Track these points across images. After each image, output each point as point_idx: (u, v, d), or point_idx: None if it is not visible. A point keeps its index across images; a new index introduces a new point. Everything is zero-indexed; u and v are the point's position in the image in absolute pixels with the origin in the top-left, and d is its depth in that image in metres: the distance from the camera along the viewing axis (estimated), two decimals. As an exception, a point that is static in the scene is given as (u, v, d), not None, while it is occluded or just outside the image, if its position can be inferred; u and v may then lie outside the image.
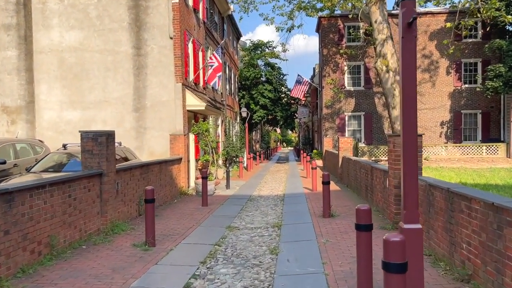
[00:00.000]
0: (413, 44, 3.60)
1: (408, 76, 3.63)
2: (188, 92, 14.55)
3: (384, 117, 27.81)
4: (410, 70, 3.60)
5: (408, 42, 3.60)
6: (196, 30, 16.54)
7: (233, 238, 7.73)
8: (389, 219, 8.13)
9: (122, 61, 14.08)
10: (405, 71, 3.62)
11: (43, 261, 5.91)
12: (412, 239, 3.60)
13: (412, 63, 3.61)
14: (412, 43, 3.60)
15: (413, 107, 3.65)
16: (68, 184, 6.74)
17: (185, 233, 8.00)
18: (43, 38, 14.23)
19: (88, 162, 7.86)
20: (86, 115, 14.18)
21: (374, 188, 10.06)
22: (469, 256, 4.75)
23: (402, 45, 3.62)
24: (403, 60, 3.62)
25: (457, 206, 5.08)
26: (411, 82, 3.64)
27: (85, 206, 7.29)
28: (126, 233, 7.96)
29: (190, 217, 9.64)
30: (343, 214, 9.37)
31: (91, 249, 6.77)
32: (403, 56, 3.61)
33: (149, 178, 10.56)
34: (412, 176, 3.62)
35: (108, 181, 7.96)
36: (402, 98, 3.68)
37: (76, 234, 6.94)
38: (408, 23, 3.56)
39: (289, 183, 17.01)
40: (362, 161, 12.30)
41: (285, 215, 9.81)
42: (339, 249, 6.50)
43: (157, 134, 14.01)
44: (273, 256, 6.41)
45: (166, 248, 6.86)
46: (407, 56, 3.60)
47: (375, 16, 22.12)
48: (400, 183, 7.39)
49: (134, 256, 6.37)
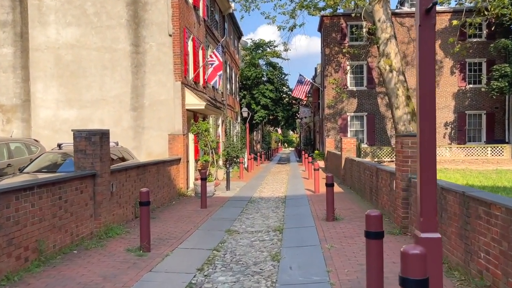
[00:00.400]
0: (431, 33, 3.24)
1: (426, 69, 3.26)
2: (187, 91, 14.19)
3: (387, 118, 27.44)
4: (428, 62, 3.24)
5: (426, 31, 3.23)
6: (196, 27, 16.19)
7: (233, 242, 7.37)
8: (396, 223, 7.77)
9: (120, 58, 13.74)
10: (423, 63, 3.26)
11: (30, 268, 5.56)
12: (430, 249, 3.23)
13: (431, 54, 3.25)
14: (431, 32, 3.24)
15: (431, 104, 3.29)
16: (59, 185, 6.38)
17: (183, 237, 7.64)
18: (39, 35, 13.89)
19: (81, 162, 7.50)
20: (83, 114, 13.83)
21: (379, 190, 9.69)
22: (488, 266, 4.38)
23: (419, 35, 3.26)
24: (421, 51, 3.25)
25: (473, 212, 4.71)
26: (429, 76, 3.27)
27: (77, 209, 6.93)
28: (121, 236, 7.60)
29: (188, 220, 9.28)
30: (347, 218, 9.00)
31: (83, 254, 6.41)
32: (421, 46, 3.24)
33: (146, 179, 10.20)
34: (430, 181, 3.26)
35: (102, 183, 7.61)
36: (418, 95, 3.32)
37: (67, 238, 6.58)
38: (427, 9, 3.20)
39: (290, 185, 16.64)
40: (366, 162, 11.93)
41: (287, 218, 9.45)
42: (344, 256, 6.13)
43: (155, 134, 13.66)
44: (274, 263, 6.04)
45: (162, 254, 6.50)
46: (425, 47, 3.24)
47: (379, 15, 21.75)
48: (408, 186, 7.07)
49: (127, 262, 6.01)
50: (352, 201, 11.56)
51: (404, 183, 7.30)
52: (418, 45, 3.30)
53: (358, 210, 9.90)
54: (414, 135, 7.32)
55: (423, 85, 3.28)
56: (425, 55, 3.27)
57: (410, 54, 27.71)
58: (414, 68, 27.69)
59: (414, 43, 27.59)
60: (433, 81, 3.29)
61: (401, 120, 21.70)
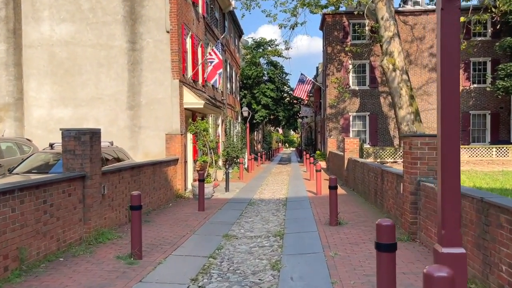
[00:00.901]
0: (456, 17, 2.80)
1: (449, 59, 2.83)
2: (185, 89, 13.77)
3: (390, 118, 26.98)
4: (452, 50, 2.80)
5: (450, 14, 2.80)
6: (195, 24, 15.76)
7: (230, 249, 6.94)
8: (403, 228, 7.33)
9: (116, 56, 13.31)
10: (445, 52, 2.82)
11: (10, 278, 5.13)
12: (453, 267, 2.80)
13: (455, 41, 2.81)
14: (455, 16, 2.80)
15: (455, 100, 2.85)
16: (43, 188, 5.95)
17: (177, 243, 7.21)
18: (33, 32, 13.46)
19: (70, 163, 7.08)
20: (77, 113, 13.40)
21: (384, 193, 9.25)
22: (511, 280, 3.94)
23: (441, 20, 2.83)
24: (443, 39, 2.82)
25: (493, 220, 4.28)
26: (452, 67, 2.83)
27: (65, 213, 6.51)
28: (112, 242, 7.17)
29: (184, 224, 8.85)
30: (351, 222, 8.56)
31: (69, 262, 5.98)
32: (443, 33, 2.81)
33: (141, 180, 9.78)
34: (453, 188, 2.83)
35: (92, 185, 7.18)
36: (440, 90, 2.89)
37: (52, 244, 6.15)
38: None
39: (291, 186, 16.20)
40: (370, 164, 11.49)
41: (288, 222, 9.01)
42: (350, 265, 5.69)
43: (152, 133, 13.23)
44: (274, 273, 5.61)
45: (154, 261, 6.07)
46: (448, 33, 2.80)
47: (382, 13, 21.30)
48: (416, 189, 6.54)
49: (116, 271, 5.59)
50: (355, 203, 11.12)
51: (413, 186, 6.86)
52: (440, 32, 2.86)
53: (362, 214, 9.47)
54: (424, 135, 6.89)
55: (445, 78, 2.85)
56: (449, 42, 2.84)
57: (414, 53, 27.25)
58: (418, 67, 27.25)
59: (417, 41, 27.14)
60: (457, 73, 2.86)
61: (404, 120, 21.24)
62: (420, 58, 27.22)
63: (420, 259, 5.83)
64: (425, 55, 27.25)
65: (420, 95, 26.86)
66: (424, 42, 27.22)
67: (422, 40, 27.23)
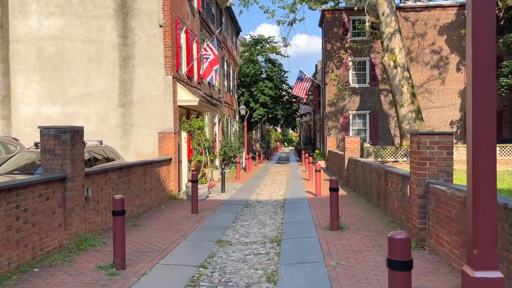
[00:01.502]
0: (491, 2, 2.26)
1: (482, 49, 2.29)
2: (179, 86, 13.20)
3: (391, 116, 26.45)
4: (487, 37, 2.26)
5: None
6: (190, 19, 15.19)
7: (223, 256, 6.40)
8: (410, 234, 6.78)
9: (106, 51, 12.74)
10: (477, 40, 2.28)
11: (-26, 293, 4.59)
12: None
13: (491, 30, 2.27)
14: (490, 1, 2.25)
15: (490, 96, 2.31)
16: (16, 192, 5.40)
17: (166, 250, 6.66)
18: (20, 26, 12.89)
19: (49, 164, 6.52)
20: (67, 111, 12.84)
21: (388, 195, 8.71)
22: (543, 301, 3.40)
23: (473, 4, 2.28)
24: (475, 26, 2.28)
25: (520, 230, 3.74)
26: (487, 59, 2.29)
27: (42, 219, 5.95)
28: (95, 249, 6.62)
29: (176, 228, 8.30)
30: (353, 226, 8.02)
31: (44, 273, 5.43)
32: (475, 19, 2.27)
33: (130, 181, 9.22)
34: (489, 199, 2.28)
35: (73, 187, 6.63)
36: (472, 85, 2.34)
37: (27, 253, 5.60)
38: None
39: (290, 186, 15.66)
40: (373, 163, 10.95)
41: (286, 226, 8.46)
42: (354, 277, 5.15)
43: (144, 132, 12.67)
44: (270, 285, 5.07)
45: (138, 272, 5.52)
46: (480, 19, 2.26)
47: (383, 8, 20.78)
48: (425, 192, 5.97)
49: (95, 284, 5.04)
50: (357, 205, 10.58)
51: (421, 189, 6.31)
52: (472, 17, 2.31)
53: (365, 217, 8.93)
54: (433, 134, 6.35)
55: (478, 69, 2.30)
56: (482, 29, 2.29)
57: (415, 50, 26.71)
58: (419, 64, 26.71)
59: (419, 38, 26.58)
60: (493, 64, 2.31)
61: (405, 118, 20.74)
62: (422, 55, 26.68)
63: (431, 270, 5.29)
64: (426, 52, 26.71)
65: (422, 93, 26.33)
66: (425, 38, 26.67)
67: (424, 37, 26.68)
